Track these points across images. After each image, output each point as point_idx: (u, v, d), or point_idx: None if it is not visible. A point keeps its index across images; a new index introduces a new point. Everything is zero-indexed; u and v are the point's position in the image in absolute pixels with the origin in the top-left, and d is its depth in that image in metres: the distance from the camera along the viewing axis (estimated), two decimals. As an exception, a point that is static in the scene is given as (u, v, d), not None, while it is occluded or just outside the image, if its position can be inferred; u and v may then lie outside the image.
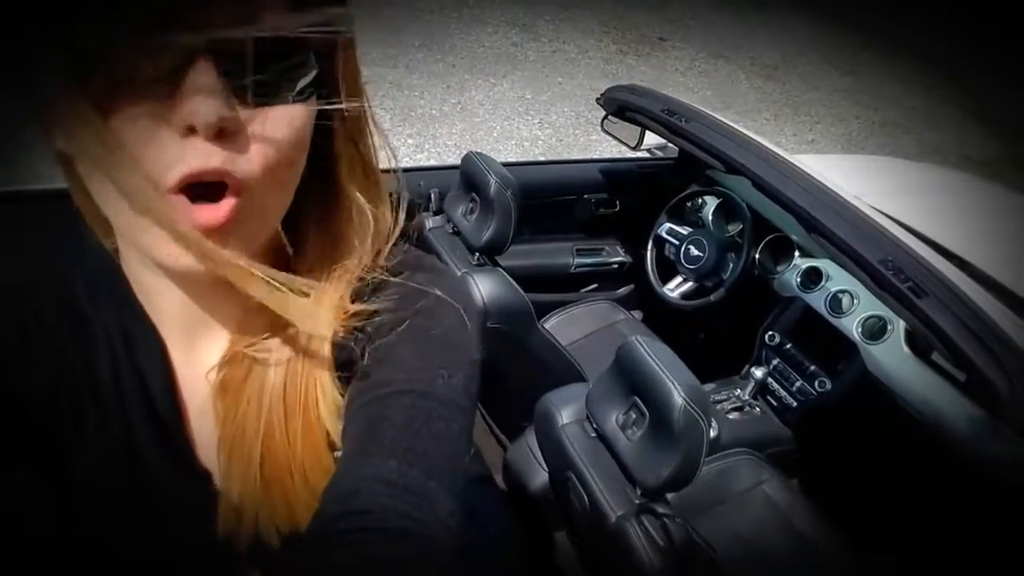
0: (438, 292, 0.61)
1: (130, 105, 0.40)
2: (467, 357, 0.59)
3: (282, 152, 0.46)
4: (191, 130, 0.41)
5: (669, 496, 1.30)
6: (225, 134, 0.42)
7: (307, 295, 0.52)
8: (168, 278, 0.53)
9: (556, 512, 1.63)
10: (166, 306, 0.57)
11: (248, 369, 0.57)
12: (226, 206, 0.45)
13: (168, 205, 0.42)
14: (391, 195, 0.59)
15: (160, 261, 0.46)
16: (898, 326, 1.86)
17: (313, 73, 0.46)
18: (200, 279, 0.47)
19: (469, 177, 1.92)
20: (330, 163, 0.54)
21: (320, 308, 0.54)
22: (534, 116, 5.11)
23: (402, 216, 0.59)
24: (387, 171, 0.58)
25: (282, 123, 0.46)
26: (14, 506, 0.56)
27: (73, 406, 0.56)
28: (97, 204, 0.46)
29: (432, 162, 4.21)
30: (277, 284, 0.48)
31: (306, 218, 0.55)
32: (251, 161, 0.45)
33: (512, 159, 4.45)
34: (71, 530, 0.57)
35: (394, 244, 0.60)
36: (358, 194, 0.55)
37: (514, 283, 1.84)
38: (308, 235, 0.56)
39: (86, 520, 0.58)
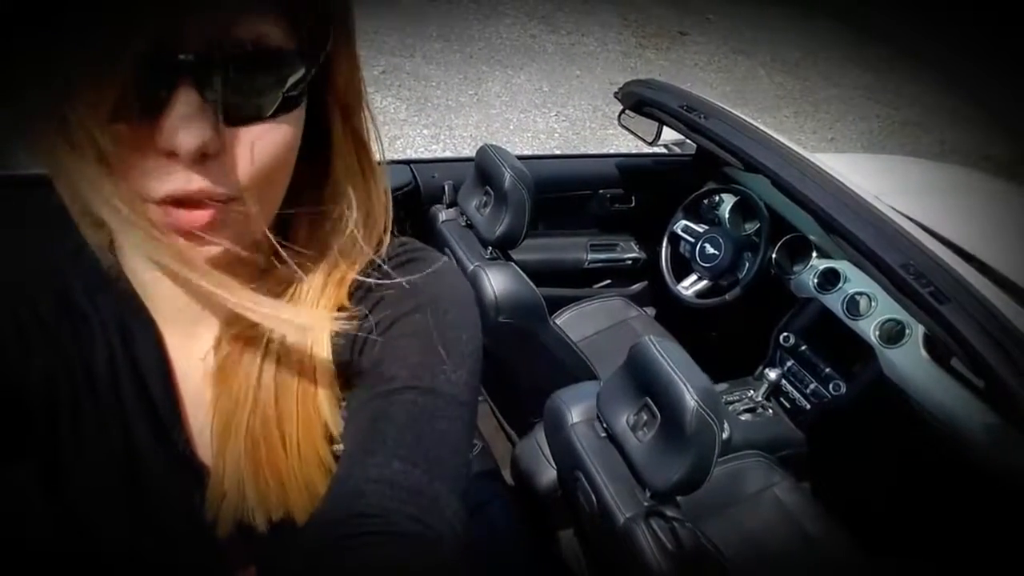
0: (439, 284, 0.60)
1: (111, 126, 0.39)
2: (470, 351, 0.58)
3: (268, 168, 0.45)
4: (173, 154, 0.40)
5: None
6: (208, 157, 0.41)
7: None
8: (161, 271, 0.52)
9: (563, 510, 1.62)
10: (162, 297, 0.56)
11: (242, 353, 0.56)
12: (206, 214, 0.44)
13: (145, 221, 0.42)
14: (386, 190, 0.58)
15: (148, 258, 0.45)
16: (916, 330, 1.83)
17: (302, 72, 0.45)
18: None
19: (484, 170, 1.91)
20: (326, 154, 0.53)
21: (306, 313, 0.54)
22: (551, 108, 5.08)
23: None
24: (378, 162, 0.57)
25: (268, 140, 0.44)
26: (12, 504, 0.55)
27: (70, 402, 0.55)
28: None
29: (447, 153, 4.20)
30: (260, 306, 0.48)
31: (299, 210, 0.54)
32: (235, 180, 0.44)
33: (528, 151, 4.43)
34: (68, 526, 0.57)
35: (395, 236, 0.59)
36: (351, 178, 0.54)
37: (526, 278, 1.82)
38: (301, 228, 0.55)
39: (83, 515, 0.57)
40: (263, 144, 0.44)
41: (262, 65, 0.42)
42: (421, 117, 4.52)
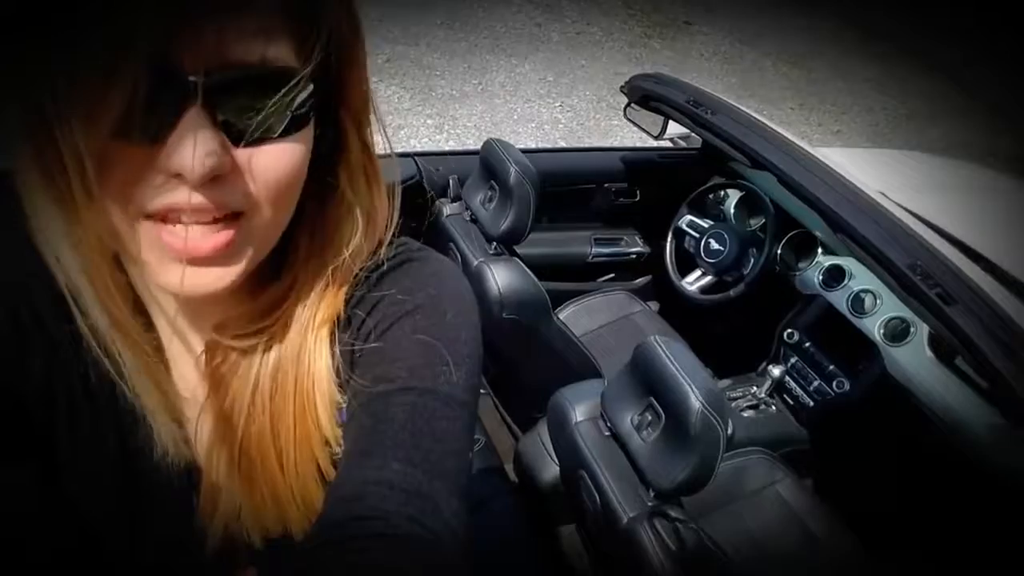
0: (438, 285, 0.60)
1: (112, 148, 0.38)
2: (469, 351, 0.58)
3: (278, 186, 0.45)
4: (179, 175, 0.40)
5: (680, 494, 1.28)
6: (216, 179, 0.41)
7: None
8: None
9: (565, 506, 1.62)
10: (158, 302, 0.56)
11: (237, 361, 0.56)
12: (222, 237, 0.44)
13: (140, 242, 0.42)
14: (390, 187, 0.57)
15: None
16: (921, 329, 1.83)
17: (310, 90, 0.44)
18: None
19: (489, 165, 1.90)
20: (334, 165, 0.53)
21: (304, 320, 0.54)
22: (555, 99, 5.06)
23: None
24: (384, 156, 0.56)
25: (277, 159, 0.44)
26: (12, 504, 0.55)
27: (68, 404, 0.55)
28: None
29: (451, 143, 4.19)
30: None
31: (301, 214, 0.53)
32: (245, 198, 0.44)
33: (532, 142, 4.42)
34: (66, 528, 0.57)
35: (394, 236, 0.59)
36: (357, 190, 0.54)
37: (531, 274, 1.82)
38: (302, 236, 0.55)
39: (82, 515, 0.57)
40: (272, 163, 0.44)
41: (270, 85, 0.42)
42: (425, 107, 4.50)
